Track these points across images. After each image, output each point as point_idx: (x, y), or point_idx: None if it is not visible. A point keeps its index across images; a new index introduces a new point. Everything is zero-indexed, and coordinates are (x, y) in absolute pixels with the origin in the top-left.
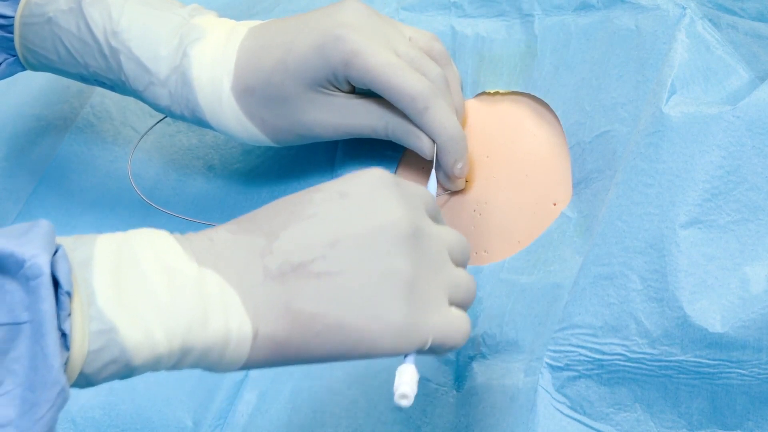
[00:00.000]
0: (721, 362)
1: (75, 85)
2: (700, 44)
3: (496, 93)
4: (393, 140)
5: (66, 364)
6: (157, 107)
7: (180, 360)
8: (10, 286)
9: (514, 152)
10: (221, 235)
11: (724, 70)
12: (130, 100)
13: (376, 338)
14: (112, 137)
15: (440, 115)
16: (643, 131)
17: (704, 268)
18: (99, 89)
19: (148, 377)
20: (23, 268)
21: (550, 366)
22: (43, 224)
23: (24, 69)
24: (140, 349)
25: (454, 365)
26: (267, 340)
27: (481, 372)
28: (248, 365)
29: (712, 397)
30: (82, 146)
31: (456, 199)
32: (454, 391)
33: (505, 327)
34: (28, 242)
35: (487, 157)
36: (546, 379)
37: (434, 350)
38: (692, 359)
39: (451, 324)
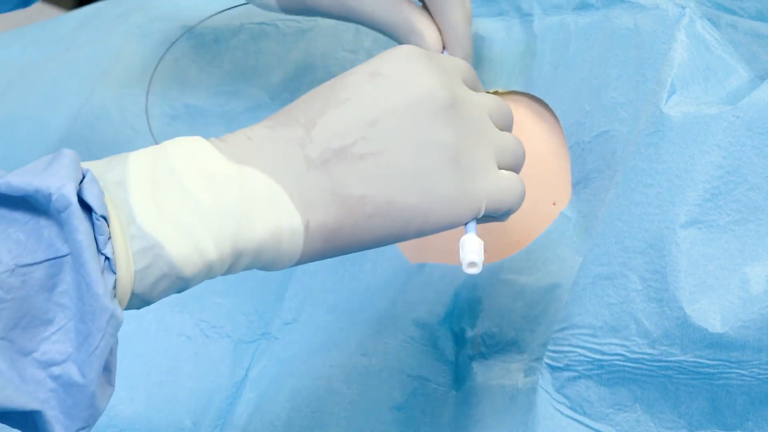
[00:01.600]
0: (721, 362)
1: (75, 84)
2: (700, 44)
3: (495, 92)
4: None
5: (115, 288)
6: None
7: (234, 264)
8: (45, 222)
9: None
10: (259, 131)
11: (724, 69)
12: (130, 100)
13: (428, 212)
14: (112, 137)
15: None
16: (642, 131)
17: (704, 269)
18: (99, 90)
19: (148, 378)
20: (51, 202)
21: (550, 366)
22: (66, 153)
23: None
24: (189, 260)
25: (454, 365)
26: (319, 229)
27: (480, 372)
28: (304, 258)
29: (712, 397)
30: (82, 146)
31: None
32: (454, 392)
33: (505, 327)
34: (52, 175)
35: None
36: (546, 379)
37: (492, 216)
38: (692, 359)
39: (502, 186)
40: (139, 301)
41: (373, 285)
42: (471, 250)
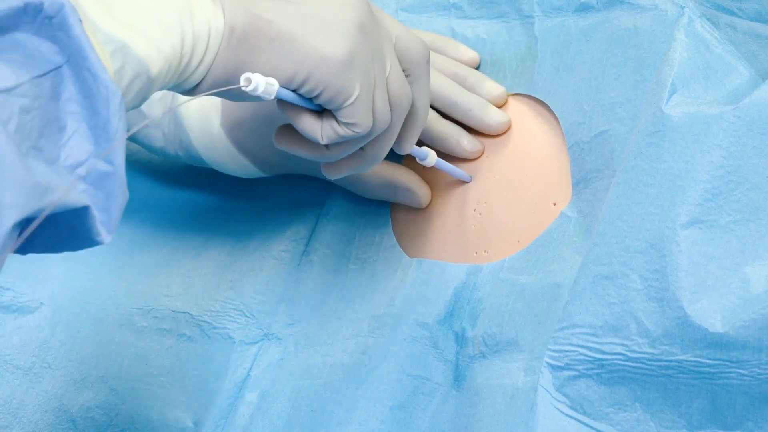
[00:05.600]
0: (721, 362)
1: None
2: (700, 43)
3: None
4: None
5: None
6: (151, 149)
7: (179, 62)
8: (36, 40)
9: (514, 152)
10: None
11: (724, 68)
12: None
13: (321, 60)
14: None
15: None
16: (643, 131)
17: (705, 268)
18: None
19: (150, 378)
20: (43, 9)
21: (550, 365)
22: None
23: None
24: (151, 56)
25: (454, 364)
26: (227, 33)
27: (481, 371)
28: (212, 69)
29: (712, 397)
30: None
31: (457, 198)
32: (454, 391)
33: (505, 326)
34: None
35: (488, 157)
36: (546, 378)
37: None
38: (692, 359)
39: (378, 100)
40: None
41: (373, 283)
42: (263, 77)
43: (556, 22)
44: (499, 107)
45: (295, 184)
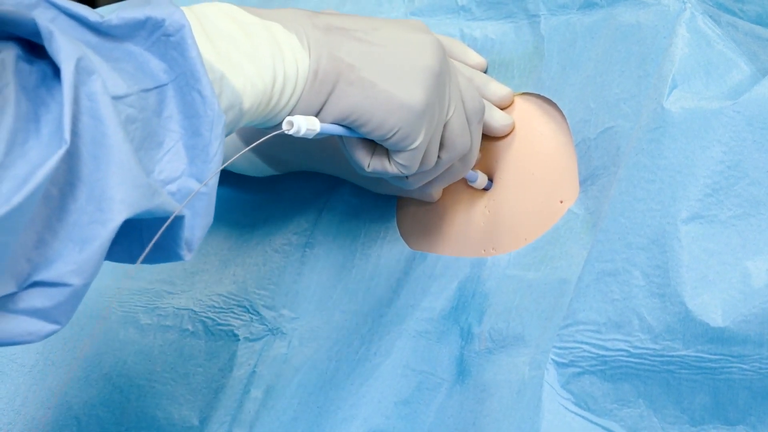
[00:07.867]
0: (722, 357)
1: None
2: (701, 39)
3: None
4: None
5: None
6: None
7: (269, 101)
8: (149, 55)
9: (522, 151)
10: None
11: (725, 64)
12: None
13: (398, 107)
14: None
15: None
16: (644, 127)
17: (706, 263)
18: None
19: (154, 376)
20: (163, 27)
21: (556, 362)
22: None
23: None
24: (246, 89)
25: (459, 360)
26: (313, 74)
27: (487, 367)
28: (296, 108)
29: (714, 392)
30: None
31: (467, 195)
32: (458, 386)
33: (512, 322)
34: (156, 7)
35: (497, 156)
36: (551, 375)
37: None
38: (694, 354)
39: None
40: None
41: (377, 277)
42: (300, 117)
43: (562, 20)
44: (505, 108)
45: (300, 180)
